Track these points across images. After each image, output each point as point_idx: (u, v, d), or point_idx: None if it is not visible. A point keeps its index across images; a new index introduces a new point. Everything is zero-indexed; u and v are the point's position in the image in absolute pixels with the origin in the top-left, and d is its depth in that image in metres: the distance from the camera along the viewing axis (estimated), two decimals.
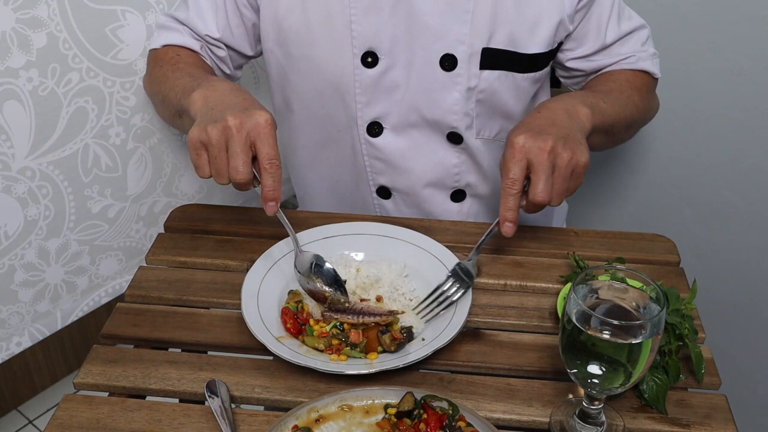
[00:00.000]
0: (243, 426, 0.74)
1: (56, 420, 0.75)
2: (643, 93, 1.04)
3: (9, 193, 1.04)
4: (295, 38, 1.00)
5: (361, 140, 1.03)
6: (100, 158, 1.15)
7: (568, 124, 0.87)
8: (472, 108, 1.00)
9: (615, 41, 1.03)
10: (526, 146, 0.82)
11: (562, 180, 0.83)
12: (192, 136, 0.81)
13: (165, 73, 0.99)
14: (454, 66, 0.96)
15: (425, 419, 0.71)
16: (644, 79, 1.05)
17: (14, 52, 0.98)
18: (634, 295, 0.70)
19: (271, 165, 0.80)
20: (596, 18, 1.01)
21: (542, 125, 0.85)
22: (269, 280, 0.88)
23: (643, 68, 1.04)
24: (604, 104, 0.94)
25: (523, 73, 1.00)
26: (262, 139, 0.80)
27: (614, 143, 1.08)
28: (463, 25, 0.94)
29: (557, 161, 0.82)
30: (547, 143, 0.82)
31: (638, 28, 1.05)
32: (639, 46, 1.05)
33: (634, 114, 1.01)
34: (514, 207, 0.83)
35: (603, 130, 0.95)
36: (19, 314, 1.14)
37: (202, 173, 0.82)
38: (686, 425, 0.75)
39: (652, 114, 1.11)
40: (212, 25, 1.03)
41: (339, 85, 1.00)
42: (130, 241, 1.26)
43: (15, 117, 1.01)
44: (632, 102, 1.00)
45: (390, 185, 1.07)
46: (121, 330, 0.86)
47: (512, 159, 0.83)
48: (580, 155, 0.83)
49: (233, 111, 0.81)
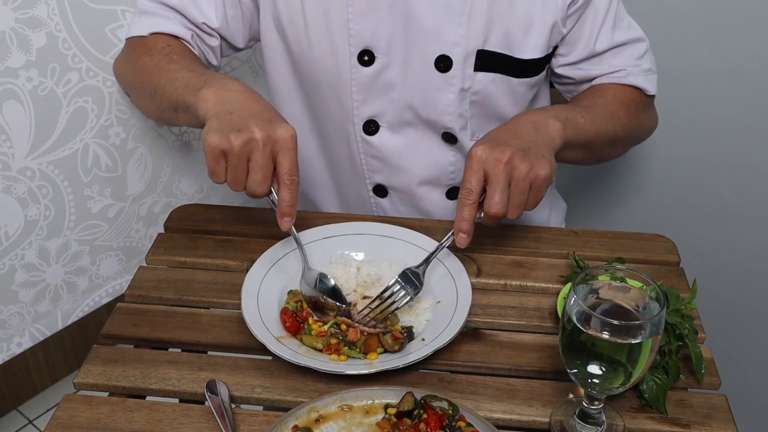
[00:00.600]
0: (243, 426, 0.74)
1: (56, 420, 0.75)
2: (631, 109, 1.01)
3: (9, 193, 1.05)
4: (294, 35, 1.00)
5: (357, 138, 1.03)
6: (100, 158, 1.15)
7: (533, 138, 0.85)
8: (467, 109, 1.00)
9: (606, 50, 1.01)
10: (483, 157, 0.81)
11: (519, 193, 0.81)
12: (212, 143, 0.79)
13: (158, 64, 0.95)
14: (449, 67, 0.96)
15: (425, 419, 0.71)
16: (634, 95, 1.02)
17: (14, 51, 0.98)
18: (634, 295, 0.70)
19: (291, 182, 0.80)
20: (589, 23, 0.99)
21: (504, 137, 0.85)
22: (269, 280, 0.88)
23: (633, 84, 1.02)
24: (582, 119, 0.93)
25: (519, 77, 0.99)
26: (284, 154, 0.80)
27: (598, 159, 1.05)
28: (458, 26, 0.94)
29: (514, 173, 0.81)
30: (504, 155, 0.81)
31: (635, 40, 1.03)
32: (633, 59, 1.02)
33: (618, 131, 0.99)
34: (469, 218, 0.82)
35: (580, 145, 0.94)
36: (19, 315, 1.14)
37: (217, 180, 0.81)
38: (686, 425, 0.75)
39: (645, 131, 1.08)
40: (211, 14, 1.00)
41: (336, 82, 1.00)
42: (130, 241, 1.26)
43: (15, 117, 1.01)
44: (617, 118, 0.98)
45: (386, 183, 1.07)
46: (121, 330, 0.86)
47: (469, 169, 0.82)
48: (539, 168, 0.81)
49: (258, 122, 0.79)
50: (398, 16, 0.95)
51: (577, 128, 0.92)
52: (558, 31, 0.98)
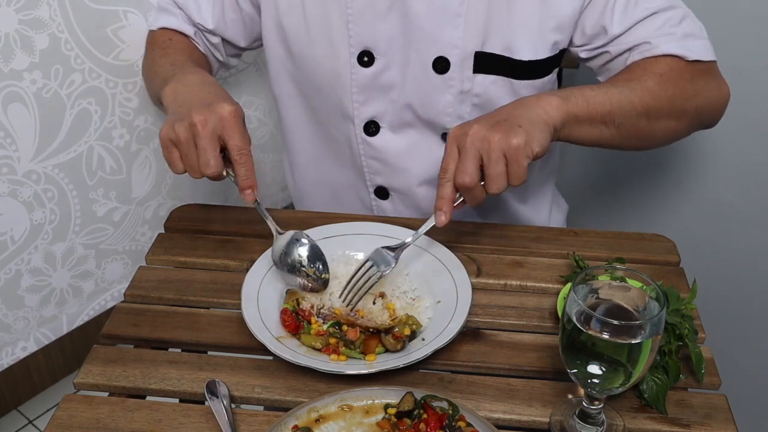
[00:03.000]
0: (243, 426, 0.74)
1: (56, 420, 0.75)
2: (667, 79, 0.92)
3: (15, 197, 1.04)
4: (295, 37, 1.00)
5: (358, 139, 1.03)
6: (105, 161, 1.15)
7: (513, 112, 0.83)
8: (468, 111, 1.00)
9: (627, 29, 0.95)
10: (456, 134, 0.81)
11: (493, 163, 0.79)
12: (162, 135, 0.84)
13: (154, 58, 1.01)
14: (446, 69, 0.96)
15: (425, 419, 0.71)
16: (671, 64, 0.93)
17: (18, 53, 0.98)
18: (634, 295, 0.70)
19: (240, 155, 0.83)
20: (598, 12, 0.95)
21: (483, 116, 0.84)
22: (269, 280, 0.88)
23: (664, 52, 0.93)
24: (591, 91, 0.88)
25: (522, 79, 0.98)
26: (227, 131, 0.82)
27: (639, 138, 0.94)
28: (455, 29, 0.94)
29: (483, 145, 0.79)
30: (472, 127, 0.80)
31: (664, 9, 0.94)
32: (666, 27, 0.94)
33: (649, 102, 0.90)
34: (445, 195, 0.81)
35: (596, 119, 0.88)
36: (25, 319, 1.14)
37: (176, 169, 0.85)
38: (686, 425, 0.75)
39: (703, 101, 0.95)
40: (207, 14, 1.04)
41: (336, 83, 1.00)
42: (135, 245, 1.25)
43: (19, 120, 1.01)
44: (645, 88, 0.90)
45: (387, 185, 1.07)
46: (121, 330, 0.86)
47: (445, 150, 0.82)
48: (511, 136, 0.78)
49: (197, 107, 0.83)
50: (396, 17, 0.95)
51: (587, 100, 0.87)
52: (562, 31, 0.96)
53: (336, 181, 1.12)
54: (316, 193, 1.16)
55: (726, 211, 1.33)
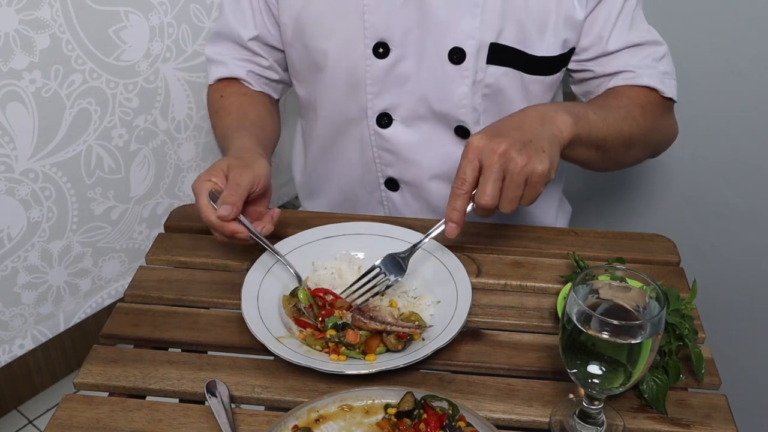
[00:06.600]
0: (243, 426, 0.74)
1: (56, 420, 0.75)
2: (647, 111, 0.97)
3: (12, 195, 1.05)
4: (311, 30, 1.01)
5: (370, 131, 1.04)
6: (103, 160, 1.15)
7: (537, 130, 0.83)
8: (480, 103, 1.00)
9: (619, 49, 0.99)
10: (480, 146, 0.80)
11: (513, 186, 0.79)
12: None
13: (214, 125, 1.10)
14: (462, 59, 0.96)
15: (425, 419, 0.71)
16: (650, 97, 0.99)
17: (17, 53, 0.98)
18: (634, 295, 0.70)
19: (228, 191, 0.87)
20: (602, 20, 0.97)
21: (506, 128, 0.83)
22: (269, 280, 0.88)
23: (648, 84, 0.98)
24: (594, 116, 0.90)
25: (533, 74, 0.99)
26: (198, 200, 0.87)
27: (614, 162, 1.01)
28: (472, 19, 0.94)
29: (509, 166, 0.78)
30: (500, 145, 0.79)
31: (652, 43, 1.00)
32: (648, 61, 0.99)
33: (634, 131, 0.95)
34: (460, 208, 0.81)
35: (592, 143, 0.91)
36: (21, 316, 1.14)
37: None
38: (686, 425, 0.75)
39: (664, 137, 1.04)
40: (250, 24, 1.06)
41: (351, 75, 1.01)
42: (132, 243, 1.26)
43: (18, 119, 1.01)
44: (632, 117, 0.95)
45: (398, 177, 1.08)
46: (121, 330, 0.86)
47: (464, 159, 0.80)
48: (537, 163, 0.78)
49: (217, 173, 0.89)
50: (412, 8, 0.96)
51: (590, 125, 0.89)
52: (572, 28, 0.97)
53: (346, 173, 1.12)
54: (324, 185, 1.16)
55: (726, 211, 1.33)
